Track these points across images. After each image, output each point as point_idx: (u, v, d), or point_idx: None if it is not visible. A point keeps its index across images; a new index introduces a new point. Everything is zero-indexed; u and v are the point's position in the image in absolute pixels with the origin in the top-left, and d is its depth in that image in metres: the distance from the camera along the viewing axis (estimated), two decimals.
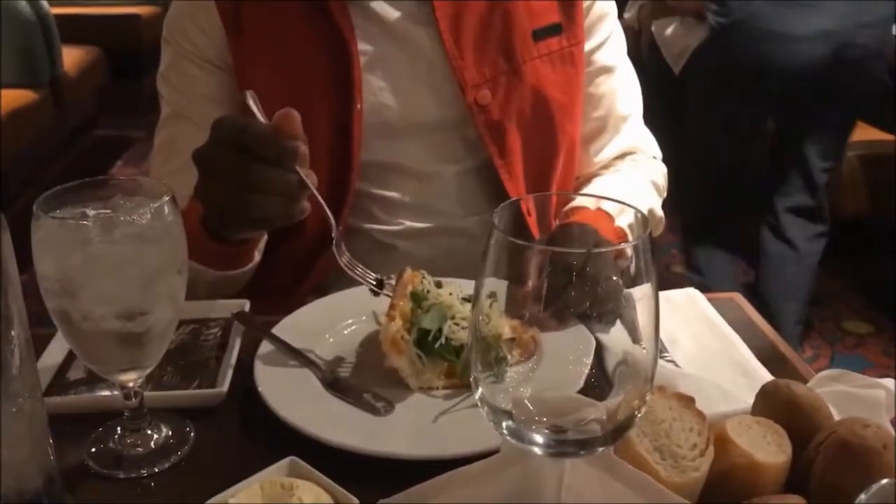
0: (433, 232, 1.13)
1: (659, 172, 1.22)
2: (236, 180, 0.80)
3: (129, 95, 4.64)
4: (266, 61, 1.07)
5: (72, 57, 3.95)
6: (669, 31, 3.77)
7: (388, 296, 0.87)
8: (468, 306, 0.86)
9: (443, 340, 0.82)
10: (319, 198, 0.83)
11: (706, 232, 2.75)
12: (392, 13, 1.08)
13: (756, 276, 2.70)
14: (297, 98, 1.07)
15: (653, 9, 3.93)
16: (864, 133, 3.06)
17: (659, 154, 1.25)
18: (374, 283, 0.89)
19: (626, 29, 1.45)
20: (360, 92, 1.05)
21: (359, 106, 1.05)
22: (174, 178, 0.99)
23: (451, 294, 0.85)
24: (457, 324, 0.84)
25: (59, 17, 3.78)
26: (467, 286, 0.91)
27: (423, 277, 0.87)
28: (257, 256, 1.06)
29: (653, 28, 3.90)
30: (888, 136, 2.97)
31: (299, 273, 1.12)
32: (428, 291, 0.85)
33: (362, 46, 1.06)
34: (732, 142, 2.61)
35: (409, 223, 1.12)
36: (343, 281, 1.09)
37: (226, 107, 1.09)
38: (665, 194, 1.23)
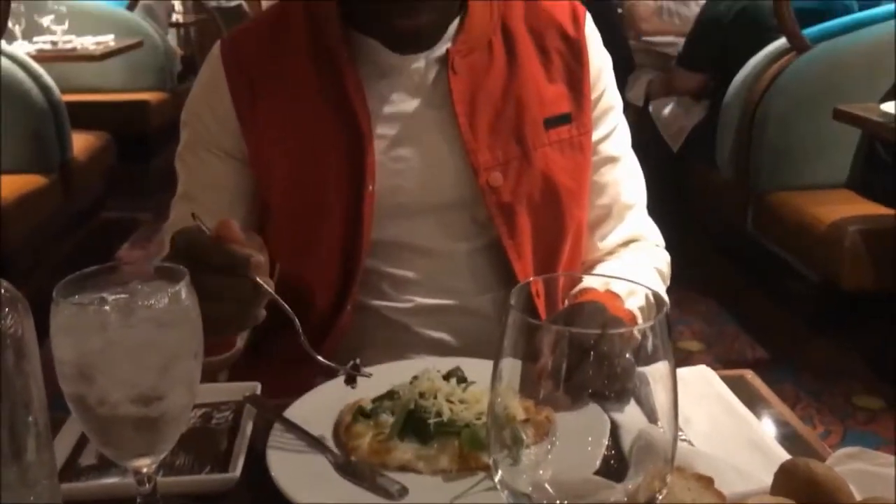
0: (442, 309, 1.14)
1: (663, 260, 1.24)
2: None
3: (136, 179, 4.69)
4: (280, 143, 1.09)
5: (81, 142, 4.01)
6: (667, 110, 3.87)
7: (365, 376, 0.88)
8: (454, 384, 0.87)
9: (443, 419, 0.82)
10: (281, 301, 0.85)
11: None
12: (411, 102, 1.11)
13: None
14: (310, 179, 1.09)
15: (649, 88, 4.08)
16: (864, 208, 3.08)
17: (662, 242, 1.27)
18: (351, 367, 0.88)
19: (628, 106, 1.49)
20: (374, 175, 1.08)
21: (370, 188, 1.07)
22: None
23: (429, 380, 0.87)
24: (451, 402, 0.84)
25: (69, 104, 3.86)
26: (474, 366, 0.92)
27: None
28: (239, 343, 1.07)
29: (650, 108, 4.01)
30: (888, 211, 3.00)
31: (307, 355, 1.12)
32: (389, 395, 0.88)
33: (379, 131, 1.09)
34: None
35: (418, 300, 1.13)
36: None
37: (236, 195, 1.12)
38: (668, 282, 1.24)
